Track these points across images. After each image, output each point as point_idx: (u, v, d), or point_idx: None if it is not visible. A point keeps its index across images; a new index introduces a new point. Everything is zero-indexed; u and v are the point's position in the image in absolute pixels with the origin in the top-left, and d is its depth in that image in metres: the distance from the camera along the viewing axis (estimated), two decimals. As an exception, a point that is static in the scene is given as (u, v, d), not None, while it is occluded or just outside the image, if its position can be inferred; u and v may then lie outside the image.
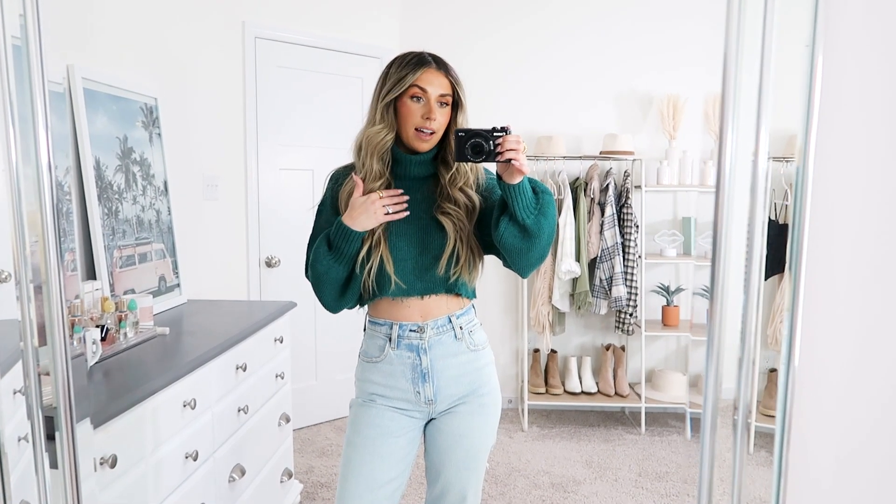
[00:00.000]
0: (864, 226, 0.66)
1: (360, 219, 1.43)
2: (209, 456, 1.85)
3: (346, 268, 1.48)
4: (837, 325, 0.66)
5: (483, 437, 1.55)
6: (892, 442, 0.61)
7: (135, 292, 2.26)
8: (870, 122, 0.67)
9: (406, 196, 1.46)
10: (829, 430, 0.64)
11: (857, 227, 0.67)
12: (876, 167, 0.66)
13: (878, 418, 0.62)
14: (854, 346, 0.66)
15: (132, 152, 2.39)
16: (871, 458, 0.63)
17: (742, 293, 0.65)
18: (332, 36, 3.49)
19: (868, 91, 0.67)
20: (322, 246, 1.48)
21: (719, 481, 0.74)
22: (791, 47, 0.75)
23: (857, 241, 0.67)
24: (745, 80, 0.64)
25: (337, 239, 1.45)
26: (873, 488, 0.63)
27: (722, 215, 0.61)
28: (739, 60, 0.63)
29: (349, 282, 1.51)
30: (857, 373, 0.66)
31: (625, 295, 3.47)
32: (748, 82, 0.64)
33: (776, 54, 0.66)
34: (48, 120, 0.88)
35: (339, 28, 3.52)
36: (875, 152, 0.66)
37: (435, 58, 1.47)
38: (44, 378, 0.88)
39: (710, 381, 0.61)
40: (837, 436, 0.64)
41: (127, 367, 1.70)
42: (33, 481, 0.93)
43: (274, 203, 3.37)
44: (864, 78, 0.67)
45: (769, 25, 0.63)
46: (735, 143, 0.63)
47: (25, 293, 0.84)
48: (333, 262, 1.47)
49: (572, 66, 3.76)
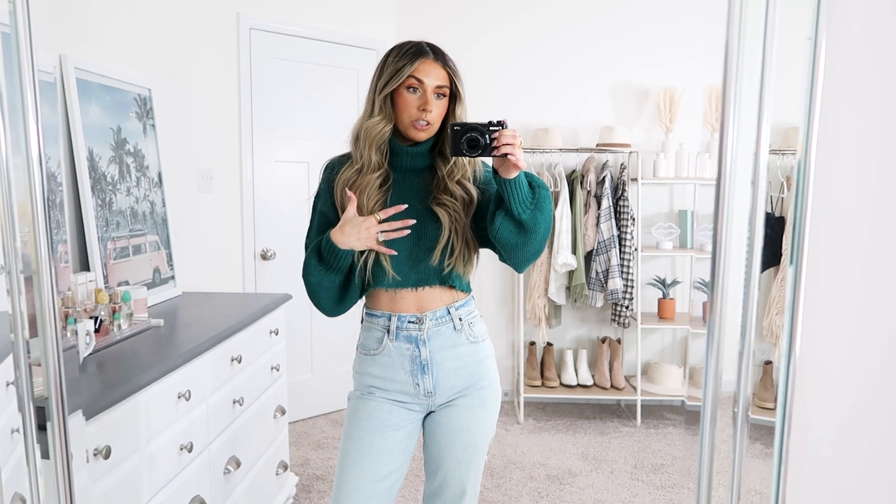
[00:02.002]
0: (864, 218, 0.65)
1: (351, 240, 1.41)
2: (204, 448, 1.84)
3: (339, 275, 1.47)
4: (837, 317, 0.66)
5: (483, 431, 1.54)
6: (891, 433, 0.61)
7: (129, 284, 2.25)
8: (871, 115, 0.66)
9: (412, 221, 1.42)
10: (828, 421, 0.64)
11: (856, 220, 0.67)
12: (877, 160, 0.65)
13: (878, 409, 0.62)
14: (853, 338, 0.66)
15: (126, 143, 2.37)
16: (871, 449, 0.63)
17: (741, 286, 0.65)
18: (327, 28, 3.47)
19: (869, 84, 0.66)
20: (312, 258, 1.47)
21: (715, 473, 0.74)
22: (792, 40, 0.75)
23: (856, 233, 0.67)
24: (746, 73, 0.64)
25: (327, 254, 1.44)
26: (873, 480, 0.63)
27: (722, 208, 0.61)
28: (741, 54, 0.63)
29: (346, 286, 1.50)
30: (856, 364, 0.65)
31: (621, 287, 3.47)
32: (749, 75, 0.64)
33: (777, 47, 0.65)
34: (38, 109, 0.86)
35: (334, 20, 3.50)
36: (876, 145, 0.66)
37: (433, 48, 1.45)
38: (35, 370, 0.87)
39: (709, 373, 0.61)
40: (837, 427, 0.63)
41: (121, 359, 1.69)
42: (26, 473, 0.92)
43: (269, 195, 3.35)
44: (865, 71, 0.66)
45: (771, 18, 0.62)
46: (736, 137, 0.63)
47: (16, 284, 0.83)
48: (325, 272, 1.46)
49: (569, 59, 3.75)
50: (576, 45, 3.74)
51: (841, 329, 0.66)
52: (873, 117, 0.66)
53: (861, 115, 0.66)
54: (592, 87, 3.76)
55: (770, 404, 3.33)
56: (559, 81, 3.77)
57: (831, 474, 0.66)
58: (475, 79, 2.41)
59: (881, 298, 0.65)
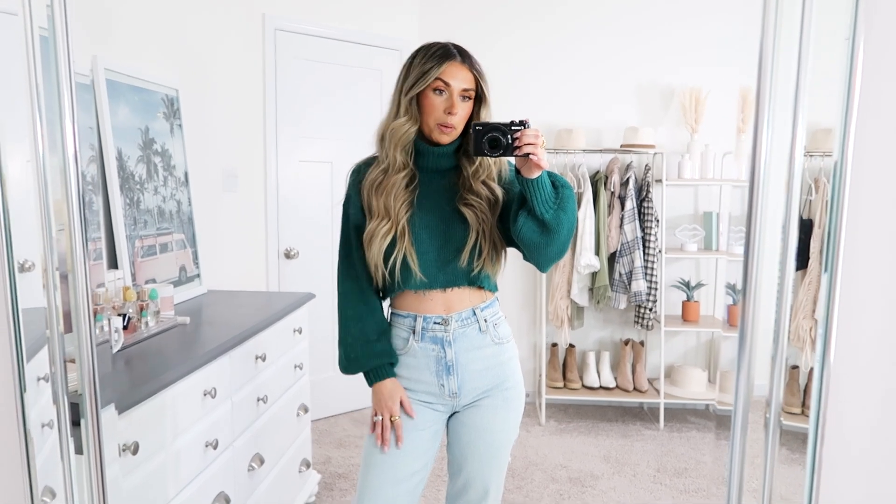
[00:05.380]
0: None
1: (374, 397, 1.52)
2: (229, 444, 1.86)
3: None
4: (870, 323, 0.65)
5: (507, 432, 1.54)
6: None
7: (156, 282, 2.28)
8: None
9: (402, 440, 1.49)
10: (860, 427, 0.63)
11: (891, 224, 0.65)
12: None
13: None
14: (887, 344, 0.65)
15: (153, 143, 2.40)
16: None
17: (771, 289, 0.64)
18: (351, 28, 3.48)
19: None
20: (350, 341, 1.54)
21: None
22: (826, 40, 0.74)
23: (891, 238, 0.65)
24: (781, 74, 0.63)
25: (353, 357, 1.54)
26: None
27: (756, 212, 0.60)
28: (776, 54, 0.62)
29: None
30: (889, 371, 0.64)
31: (644, 289, 3.44)
32: (784, 76, 0.63)
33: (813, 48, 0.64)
34: (75, 111, 0.88)
35: (358, 20, 3.51)
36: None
37: (460, 50, 1.45)
38: (69, 365, 0.89)
39: (741, 379, 0.60)
40: (873, 437, 0.62)
41: (148, 356, 1.71)
42: (57, 467, 0.94)
43: (293, 195, 3.37)
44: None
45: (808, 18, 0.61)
46: (770, 139, 0.62)
47: (52, 281, 0.85)
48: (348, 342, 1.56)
49: (594, 60, 3.73)
50: (601, 46, 3.72)
51: (874, 336, 0.65)
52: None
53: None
54: (617, 88, 3.73)
55: (796, 409, 3.28)
56: (584, 82, 3.75)
57: (863, 480, 0.65)
58: (498, 78, 2.41)
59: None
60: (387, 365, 1.51)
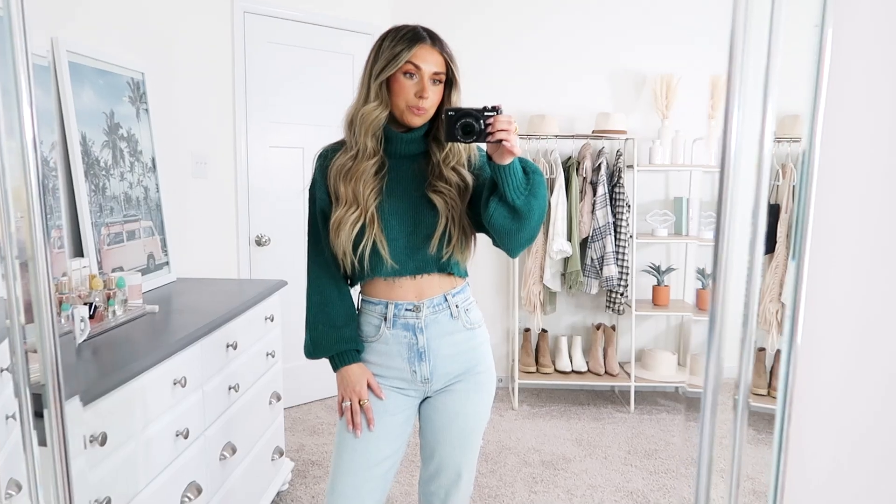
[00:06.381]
0: (868, 209, 0.65)
1: (339, 382, 1.53)
2: (200, 434, 1.84)
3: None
4: (839, 306, 0.66)
5: (478, 416, 1.55)
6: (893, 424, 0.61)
7: (123, 270, 2.24)
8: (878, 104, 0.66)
9: (373, 423, 1.50)
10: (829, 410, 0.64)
11: (860, 211, 0.66)
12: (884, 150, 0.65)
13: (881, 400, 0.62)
14: (856, 328, 0.66)
15: (119, 128, 2.35)
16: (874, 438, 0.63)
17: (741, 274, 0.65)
18: (322, 11, 3.43)
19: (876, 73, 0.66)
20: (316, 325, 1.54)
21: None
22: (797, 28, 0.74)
23: (860, 224, 0.66)
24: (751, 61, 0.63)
25: (317, 342, 1.54)
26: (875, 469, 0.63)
27: (726, 197, 0.60)
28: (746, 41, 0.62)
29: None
30: (858, 354, 0.66)
31: (616, 274, 3.48)
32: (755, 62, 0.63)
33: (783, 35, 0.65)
34: (32, 92, 0.85)
35: (329, 3, 3.46)
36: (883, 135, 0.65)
37: (430, 33, 1.43)
38: (31, 356, 0.87)
39: (711, 361, 0.61)
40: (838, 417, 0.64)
41: (116, 345, 1.68)
42: (21, 459, 0.92)
43: (263, 181, 3.33)
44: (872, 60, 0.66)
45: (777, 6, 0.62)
46: (740, 124, 0.62)
47: (11, 270, 0.82)
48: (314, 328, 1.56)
49: (566, 46, 3.73)
50: (574, 33, 3.72)
51: (840, 318, 0.66)
52: (880, 107, 0.66)
53: (867, 105, 0.66)
54: (589, 74, 3.75)
55: (762, 390, 3.35)
56: (556, 68, 3.75)
57: (828, 460, 0.67)
58: (469, 63, 2.39)
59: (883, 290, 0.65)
60: (353, 351, 1.51)
